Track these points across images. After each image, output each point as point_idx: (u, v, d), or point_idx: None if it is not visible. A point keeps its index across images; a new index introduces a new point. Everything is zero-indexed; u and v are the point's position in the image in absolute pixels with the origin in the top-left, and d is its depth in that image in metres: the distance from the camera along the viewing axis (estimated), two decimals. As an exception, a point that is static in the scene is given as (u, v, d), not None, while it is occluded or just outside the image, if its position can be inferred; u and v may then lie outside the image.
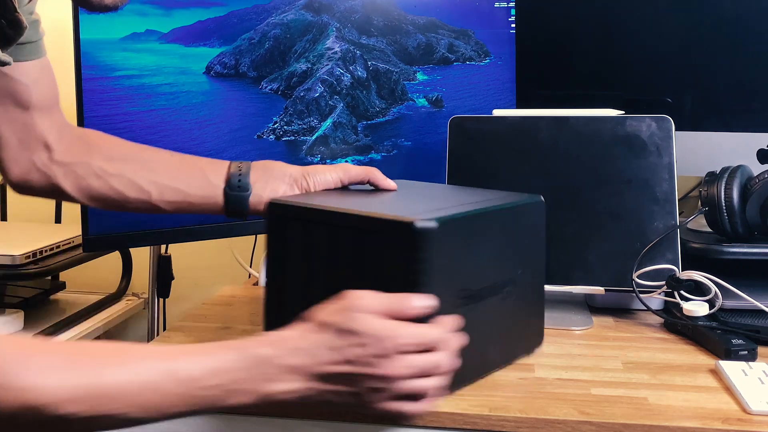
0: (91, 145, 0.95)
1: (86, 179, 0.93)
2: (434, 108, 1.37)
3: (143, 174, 0.93)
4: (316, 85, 1.30)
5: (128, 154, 0.95)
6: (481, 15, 1.39)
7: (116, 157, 0.94)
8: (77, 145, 0.95)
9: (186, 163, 0.96)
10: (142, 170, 0.93)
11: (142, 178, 0.93)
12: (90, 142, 0.96)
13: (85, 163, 0.93)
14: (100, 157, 0.94)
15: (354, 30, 1.32)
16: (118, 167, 0.93)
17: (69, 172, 0.94)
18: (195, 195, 0.94)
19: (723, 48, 1.39)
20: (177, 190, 0.93)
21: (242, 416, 0.85)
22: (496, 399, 0.85)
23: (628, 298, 1.18)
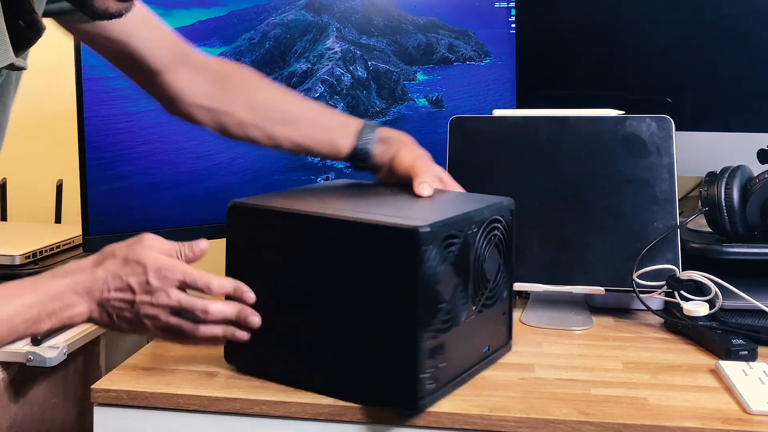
0: (234, 93, 1.02)
1: (228, 127, 1.02)
2: (434, 108, 1.37)
3: (279, 129, 1.02)
4: (316, 85, 1.30)
5: (267, 104, 1.02)
6: (481, 15, 1.39)
7: (256, 106, 1.02)
8: (220, 92, 1.02)
9: (318, 127, 1.03)
10: (280, 125, 1.02)
11: (278, 133, 1.02)
12: (232, 89, 1.02)
13: (228, 113, 1.02)
14: (241, 106, 1.02)
15: (354, 30, 1.32)
16: (257, 118, 1.02)
17: (213, 118, 1.02)
18: (323, 154, 1.05)
19: (723, 48, 1.39)
20: (307, 149, 1.04)
21: (242, 416, 0.85)
22: (496, 399, 0.85)
23: (628, 298, 1.18)
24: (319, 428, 0.84)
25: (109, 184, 1.14)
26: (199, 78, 1.01)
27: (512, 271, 0.96)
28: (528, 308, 1.18)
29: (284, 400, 0.85)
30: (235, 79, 1.03)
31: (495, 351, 0.95)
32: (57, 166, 1.60)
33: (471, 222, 0.86)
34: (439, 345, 0.82)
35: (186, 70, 1.00)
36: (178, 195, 1.19)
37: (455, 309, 0.85)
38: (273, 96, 1.04)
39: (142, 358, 0.97)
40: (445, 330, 0.83)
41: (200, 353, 0.99)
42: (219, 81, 1.02)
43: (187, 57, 1.01)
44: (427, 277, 0.79)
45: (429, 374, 0.81)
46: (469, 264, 0.86)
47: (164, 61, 0.98)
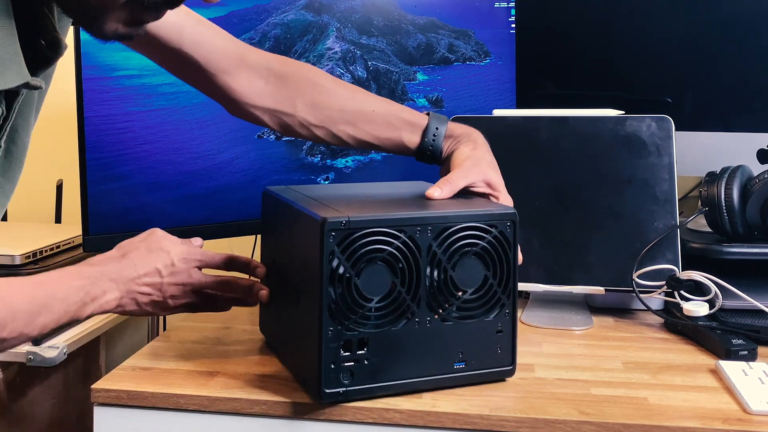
0: (294, 92, 1.01)
1: (292, 126, 1.02)
2: (434, 108, 1.37)
3: (344, 129, 1.01)
4: (316, 85, 1.30)
5: (332, 104, 1.01)
6: (481, 15, 1.39)
7: (320, 108, 1.01)
8: (280, 92, 1.01)
9: (384, 124, 1.02)
10: (344, 125, 1.01)
11: (343, 133, 1.01)
12: (292, 88, 1.01)
13: (290, 114, 1.01)
14: (303, 107, 1.01)
15: (354, 30, 1.32)
16: (320, 119, 1.01)
17: (275, 118, 1.02)
18: (391, 150, 1.04)
19: (723, 48, 1.39)
20: (374, 147, 1.03)
21: (242, 416, 0.85)
22: (496, 399, 0.85)
23: (628, 298, 1.18)
24: (319, 428, 0.85)
25: (109, 184, 1.14)
26: (258, 79, 1.00)
27: (512, 287, 0.89)
28: (528, 308, 1.18)
29: (284, 400, 0.85)
30: (295, 78, 1.02)
31: (482, 370, 0.89)
32: (57, 166, 1.60)
33: (421, 223, 0.84)
34: (361, 341, 0.83)
35: (244, 71, 0.99)
36: (178, 195, 1.19)
37: (391, 308, 0.84)
38: (336, 95, 1.02)
39: (142, 358, 0.97)
40: (372, 327, 0.83)
41: (199, 354, 0.99)
42: (279, 81, 1.01)
43: (245, 57, 1.00)
44: (333, 267, 0.81)
45: (343, 368, 0.82)
46: (421, 267, 0.84)
47: (221, 64, 0.98)
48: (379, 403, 0.84)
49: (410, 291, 0.84)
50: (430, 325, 0.86)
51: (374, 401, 0.84)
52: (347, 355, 0.82)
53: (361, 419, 0.83)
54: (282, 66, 1.02)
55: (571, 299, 1.19)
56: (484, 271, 0.87)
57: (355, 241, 0.81)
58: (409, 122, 1.01)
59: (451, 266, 0.86)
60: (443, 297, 0.86)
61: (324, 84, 1.02)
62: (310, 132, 1.02)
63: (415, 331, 0.85)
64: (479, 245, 0.87)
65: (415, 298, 0.85)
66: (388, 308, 0.84)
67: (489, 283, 0.88)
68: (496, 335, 0.89)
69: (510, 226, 0.88)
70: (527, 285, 1.16)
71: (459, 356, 0.88)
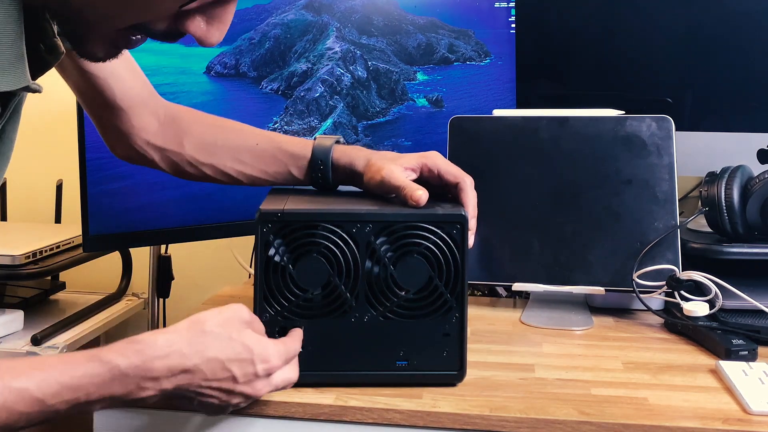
0: (183, 132, 1.01)
1: (180, 165, 1.02)
2: (434, 108, 1.37)
3: (231, 165, 1.01)
4: (316, 85, 1.30)
5: (217, 141, 1.01)
6: (481, 15, 1.39)
7: (206, 144, 1.01)
8: (170, 132, 1.01)
9: (270, 159, 1.01)
10: (231, 161, 1.01)
11: (231, 169, 1.01)
12: (181, 128, 1.02)
13: (178, 152, 1.01)
14: (191, 146, 1.01)
15: (354, 30, 1.32)
16: (207, 157, 1.01)
17: (164, 157, 1.02)
18: (281, 182, 1.02)
19: (723, 48, 1.39)
20: (264, 181, 1.02)
21: (242, 416, 0.85)
22: (497, 399, 0.85)
23: (629, 298, 1.18)
24: (319, 428, 0.84)
25: (109, 184, 1.14)
26: (153, 118, 1.01)
27: (461, 290, 0.87)
28: (528, 308, 1.18)
29: (284, 400, 0.85)
30: (185, 119, 1.03)
31: (426, 371, 0.88)
32: (57, 166, 1.60)
33: (361, 220, 0.85)
34: None
35: (145, 111, 1.00)
36: (178, 195, 1.19)
37: (326, 300, 0.86)
38: (222, 132, 1.02)
39: (142, 358, 0.97)
40: (304, 316, 0.86)
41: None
42: (170, 121, 1.02)
43: (151, 98, 1.01)
44: (270, 256, 0.85)
45: None
46: (360, 263, 0.86)
47: (133, 101, 0.98)
48: (379, 403, 0.84)
49: (348, 285, 0.86)
50: (369, 321, 0.87)
51: (374, 401, 0.84)
52: None
53: (361, 419, 0.83)
54: (174, 109, 1.03)
55: (571, 299, 1.19)
56: (429, 272, 0.87)
57: (291, 233, 0.85)
58: (294, 156, 0.99)
59: (392, 264, 0.86)
60: (384, 294, 0.87)
61: (210, 123, 1.03)
62: (198, 170, 1.01)
63: (353, 325, 0.87)
64: (423, 245, 0.86)
65: (353, 292, 0.86)
66: (326, 300, 0.86)
67: (434, 284, 0.87)
68: (442, 338, 0.88)
69: (458, 228, 0.87)
70: (527, 285, 1.16)
71: (400, 355, 0.88)
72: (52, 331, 1.31)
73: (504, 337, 1.07)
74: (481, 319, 1.15)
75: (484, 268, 1.17)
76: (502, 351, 1.01)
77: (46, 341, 1.27)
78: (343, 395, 0.85)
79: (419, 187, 0.89)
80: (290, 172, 1.00)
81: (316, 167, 0.98)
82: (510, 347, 1.03)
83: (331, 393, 0.86)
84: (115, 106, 0.97)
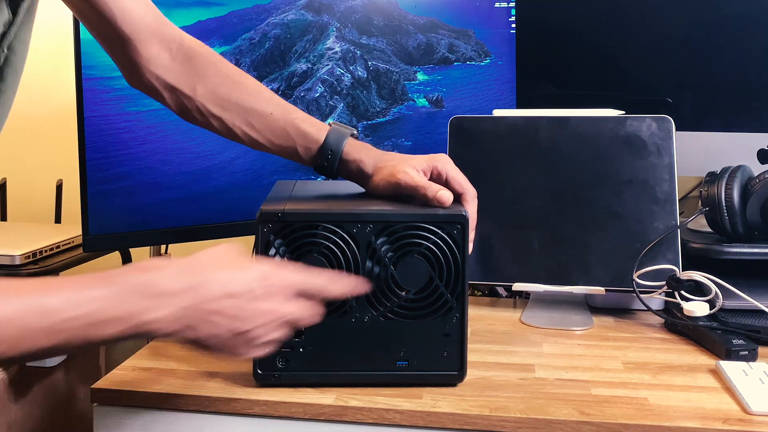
0: (197, 75, 0.98)
1: (189, 110, 0.98)
2: (434, 108, 1.37)
3: (240, 125, 0.97)
4: (316, 85, 1.30)
5: (231, 97, 0.98)
6: (481, 15, 1.39)
7: (220, 97, 0.97)
8: (184, 72, 0.98)
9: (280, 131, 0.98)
10: (240, 122, 0.98)
11: (239, 129, 0.98)
12: (196, 71, 0.98)
13: (189, 96, 0.97)
14: (204, 93, 0.97)
15: (354, 30, 1.32)
16: (218, 110, 0.97)
17: (174, 97, 0.98)
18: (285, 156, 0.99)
19: (723, 48, 1.39)
20: (267, 149, 0.99)
21: (242, 416, 0.85)
22: (497, 399, 0.85)
23: (629, 298, 1.18)
24: (319, 428, 0.85)
25: (109, 184, 1.14)
26: (165, 51, 0.97)
27: (461, 290, 0.87)
28: (528, 308, 1.18)
29: (284, 400, 0.85)
30: (202, 61, 0.99)
31: (427, 371, 0.88)
32: (57, 166, 1.60)
33: (362, 220, 0.85)
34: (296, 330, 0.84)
35: (156, 41, 0.96)
36: (178, 195, 1.19)
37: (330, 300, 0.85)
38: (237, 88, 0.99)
39: (142, 358, 0.97)
40: None
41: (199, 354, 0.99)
42: (186, 60, 0.98)
43: (161, 28, 0.97)
44: (270, 256, 0.86)
45: (278, 352, 0.86)
46: (360, 263, 0.86)
47: (138, 30, 0.94)
48: (380, 403, 0.84)
49: None
50: (369, 321, 0.87)
51: (374, 401, 0.84)
52: None
53: (361, 419, 0.83)
54: (191, 45, 0.99)
55: (571, 299, 1.19)
56: (430, 272, 0.87)
57: (292, 233, 0.85)
58: (305, 136, 0.97)
59: (393, 264, 0.86)
60: (384, 294, 0.87)
61: (229, 74, 0.99)
62: (206, 120, 0.98)
63: (354, 325, 0.87)
64: (423, 245, 0.86)
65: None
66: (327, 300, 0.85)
67: (434, 284, 0.87)
68: (443, 338, 0.88)
69: (458, 228, 0.87)
70: (527, 285, 1.16)
71: (401, 355, 0.88)
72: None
73: (504, 337, 1.07)
74: (481, 319, 1.15)
75: (484, 268, 1.17)
76: (502, 351, 1.01)
77: (46, 341, 1.26)
78: (343, 395, 0.85)
79: (442, 188, 0.90)
80: (297, 151, 0.98)
81: (324, 155, 0.96)
82: (510, 347, 1.03)
83: (331, 393, 0.86)
84: (121, 35, 0.93)
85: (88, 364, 1.50)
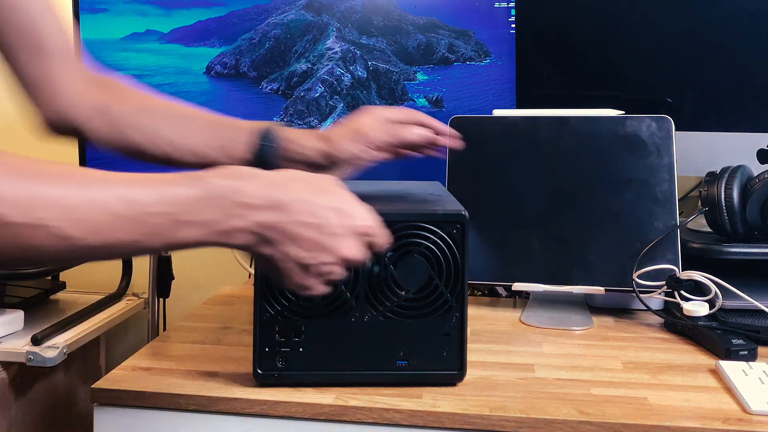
0: (115, 95, 0.92)
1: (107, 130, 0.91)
2: (434, 108, 1.37)
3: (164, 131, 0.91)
4: (316, 85, 1.30)
5: (150, 107, 0.93)
6: (481, 15, 1.39)
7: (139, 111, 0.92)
8: (100, 94, 0.92)
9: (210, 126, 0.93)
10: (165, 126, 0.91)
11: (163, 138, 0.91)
12: (114, 91, 0.93)
13: (106, 114, 0.90)
14: (121, 110, 0.91)
15: (354, 30, 1.32)
16: (140, 123, 0.91)
17: (91, 120, 0.90)
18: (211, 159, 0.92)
19: (723, 48, 1.39)
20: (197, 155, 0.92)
21: (242, 416, 0.86)
22: (497, 399, 0.85)
23: (628, 298, 1.18)
24: (319, 428, 0.85)
25: (109, 184, 1.14)
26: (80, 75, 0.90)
27: (461, 290, 0.88)
28: (528, 308, 1.18)
29: (284, 400, 0.85)
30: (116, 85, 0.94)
31: (427, 371, 0.88)
32: (57, 166, 1.60)
33: None
34: (297, 329, 0.86)
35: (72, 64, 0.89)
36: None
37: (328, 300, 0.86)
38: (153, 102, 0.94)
39: (142, 358, 0.97)
40: (307, 316, 0.86)
41: (199, 354, 0.99)
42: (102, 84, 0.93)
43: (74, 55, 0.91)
44: None
45: (278, 352, 0.86)
46: None
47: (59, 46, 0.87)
48: (380, 403, 0.84)
49: (348, 285, 0.86)
50: (369, 321, 0.87)
51: (374, 401, 0.84)
52: (283, 341, 0.86)
53: (361, 419, 0.83)
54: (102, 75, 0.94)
55: (571, 299, 1.19)
56: (429, 272, 0.87)
57: None
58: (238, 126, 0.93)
59: (392, 263, 0.86)
60: (384, 294, 0.87)
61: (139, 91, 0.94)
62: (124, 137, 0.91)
63: (353, 325, 0.87)
64: (423, 245, 0.87)
65: (353, 292, 0.86)
66: (326, 300, 0.86)
67: (434, 284, 0.87)
68: (442, 338, 0.88)
69: (458, 228, 0.87)
70: (527, 285, 1.16)
71: (401, 355, 0.88)
72: (53, 330, 1.31)
73: (504, 337, 1.07)
74: (481, 319, 1.15)
75: (484, 268, 1.17)
76: (502, 351, 1.01)
77: (46, 341, 1.27)
78: (343, 395, 0.85)
79: None
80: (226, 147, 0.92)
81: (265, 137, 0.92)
82: (510, 347, 1.03)
83: (331, 393, 0.86)
84: (40, 49, 0.85)
85: (88, 364, 1.50)
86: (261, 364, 0.87)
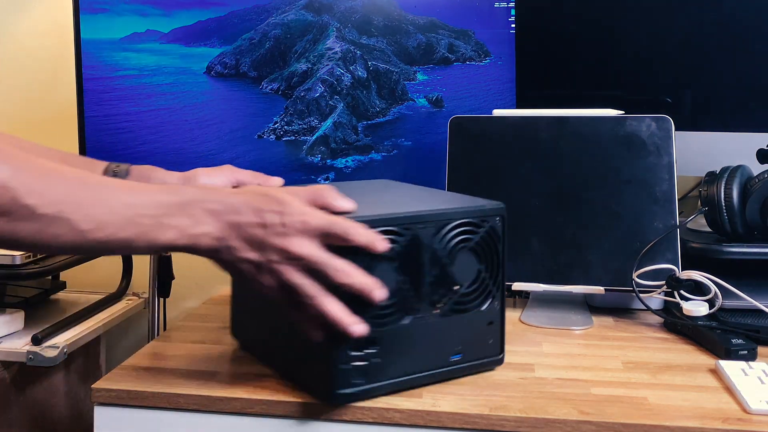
0: None
1: None
2: (434, 108, 1.37)
3: None
4: (316, 85, 1.30)
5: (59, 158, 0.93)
6: (481, 15, 1.39)
7: None
8: None
9: None
10: None
11: None
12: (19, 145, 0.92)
13: None
14: None
15: (354, 30, 1.32)
16: None
17: None
18: None
19: (723, 47, 1.39)
20: None
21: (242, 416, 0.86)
22: (496, 399, 0.85)
23: (628, 298, 1.18)
24: (319, 428, 0.85)
25: (109, 184, 1.14)
26: None
27: (501, 279, 0.91)
28: (528, 308, 1.18)
29: (284, 400, 0.85)
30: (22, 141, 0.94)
31: (475, 361, 0.91)
32: (57, 166, 1.60)
33: (422, 220, 0.84)
34: (372, 339, 0.82)
35: None
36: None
37: (397, 306, 0.84)
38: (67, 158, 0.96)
39: (142, 358, 0.97)
40: (380, 325, 0.83)
41: (199, 354, 0.99)
42: None
43: None
44: None
45: (353, 367, 0.82)
46: (423, 263, 0.85)
47: None
48: (380, 403, 0.84)
49: (425, 289, 0.86)
50: (431, 321, 0.87)
51: (374, 401, 0.84)
52: (357, 355, 0.82)
53: (361, 419, 0.83)
54: None
55: (571, 299, 1.19)
56: (478, 265, 0.89)
57: None
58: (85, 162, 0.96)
59: (449, 261, 0.87)
60: (442, 292, 0.87)
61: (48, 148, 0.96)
62: None
63: (419, 327, 0.87)
64: (473, 240, 0.88)
65: (418, 294, 0.86)
66: (394, 306, 0.84)
67: (482, 276, 0.90)
68: (487, 326, 0.91)
69: (500, 220, 0.90)
70: (527, 285, 1.16)
71: (456, 349, 0.90)
72: (53, 330, 1.31)
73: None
74: (481, 318, 1.15)
75: (484, 267, 1.17)
76: (501, 351, 1.01)
77: (46, 341, 1.27)
78: (343, 395, 0.85)
79: None
80: None
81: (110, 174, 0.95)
82: (510, 347, 1.03)
83: (331, 393, 0.86)
84: None
85: (89, 363, 1.50)
86: (339, 384, 0.82)
